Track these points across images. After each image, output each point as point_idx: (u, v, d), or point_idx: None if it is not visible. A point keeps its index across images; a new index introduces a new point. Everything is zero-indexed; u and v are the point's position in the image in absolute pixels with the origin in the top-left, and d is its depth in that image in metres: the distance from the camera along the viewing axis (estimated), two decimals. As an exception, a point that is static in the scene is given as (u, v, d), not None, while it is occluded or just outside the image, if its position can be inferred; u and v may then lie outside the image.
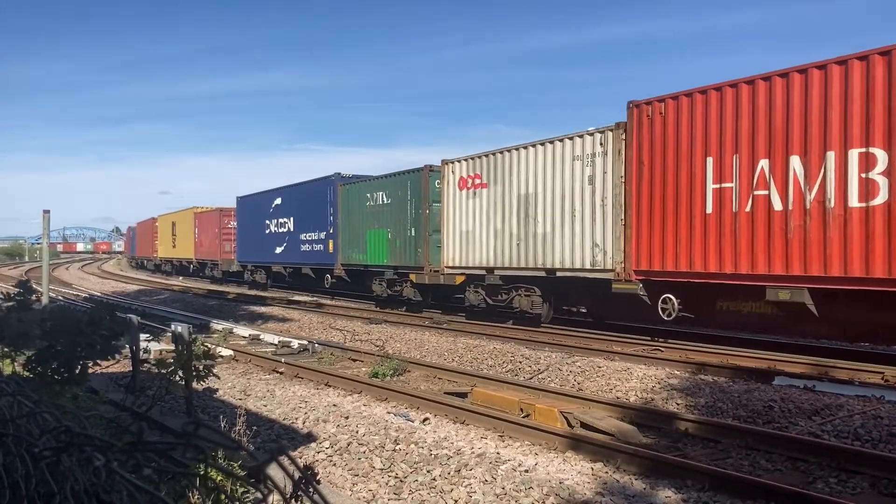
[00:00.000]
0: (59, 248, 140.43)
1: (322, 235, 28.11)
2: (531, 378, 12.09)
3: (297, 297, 29.49)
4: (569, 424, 8.86)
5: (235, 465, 4.71)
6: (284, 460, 1.28)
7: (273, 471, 1.28)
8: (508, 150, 18.34)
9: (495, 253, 18.68)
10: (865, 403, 9.38)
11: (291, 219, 31.08)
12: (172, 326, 10.19)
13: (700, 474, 6.65)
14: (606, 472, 6.96)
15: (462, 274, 20.05)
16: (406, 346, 15.84)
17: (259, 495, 1.27)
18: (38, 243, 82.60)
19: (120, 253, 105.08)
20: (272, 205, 33.20)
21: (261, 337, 17.37)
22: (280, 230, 32.33)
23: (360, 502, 6.40)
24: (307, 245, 29.46)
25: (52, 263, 39.17)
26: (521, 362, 13.20)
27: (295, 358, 14.39)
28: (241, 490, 4.18)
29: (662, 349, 14.15)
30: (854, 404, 9.33)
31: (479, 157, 19.41)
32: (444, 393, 11.01)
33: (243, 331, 18.30)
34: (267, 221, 33.60)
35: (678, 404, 9.99)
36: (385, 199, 23.85)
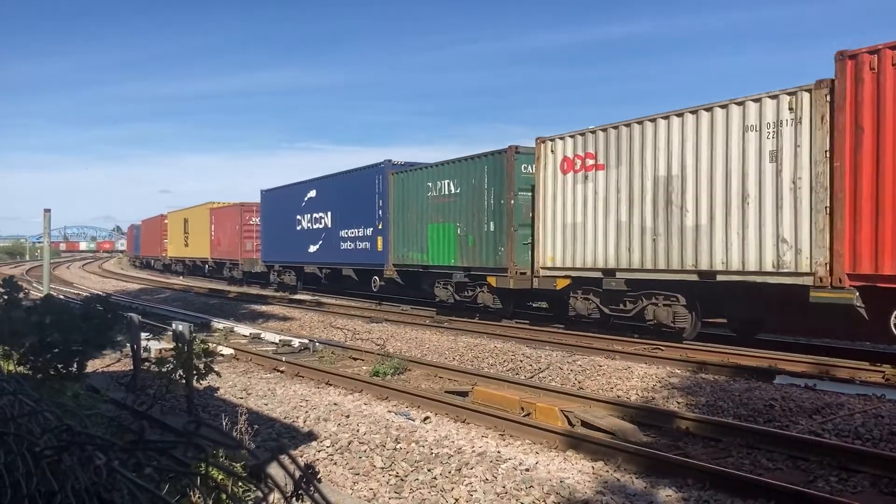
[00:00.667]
0: (63, 247, 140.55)
1: (368, 232, 24.90)
2: (532, 377, 12.09)
3: (298, 296, 29.48)
4: (569, 423, 8.86)
5: (236, 464, 4.72)
6: (285, 459, 1.28)
7: (274, 469, 1.28)
8: (639, 122, 14.79)
9: (617, 251, 15.23)
10: (866, 402, 9.38)
11: (329, 214, 27.69)
12: (173, 325, 10.19)
13: (701, 473, 6.64)
14: (607, 471, 6.96)
15: (566, 277, 16.63)
16: (407, 344, 15.84)
17: (260, 494, 1.27)
18: (39, 242, 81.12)
19: (122, 252, 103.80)
20: (304, 198, 29.54)
21: (262, 336, 17.37)
22: (314, 227, 28.84)
23: (361, 501, 6.40)
24: (349, 243, 26.23)
25: (52, 262, 39.16)
26: (521, 361, 13.21)
27: (296, 357, 14.39)
28: (241, 489, 4.19)
29: (663, 348, 14.14)
30: (855, 403, 9.33)
31: (594, 132, 15.89)
32: (445, 392, 11.01)
33: (244, 329, 18.30)
34: (298, 217, 30.08)
35: (679, 403, 9.99)
36: (452, 188, 20.52)
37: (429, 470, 7.02)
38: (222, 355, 13.69)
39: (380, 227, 24.21)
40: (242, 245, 37.61)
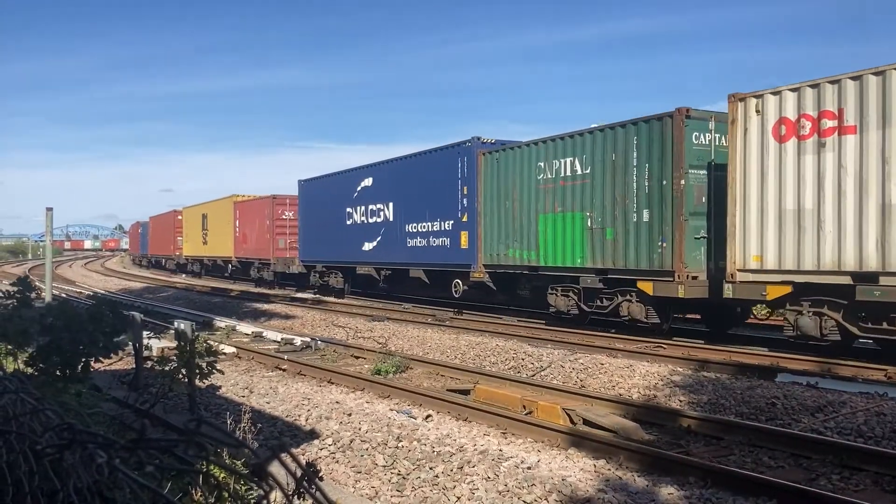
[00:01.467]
0: (67, 245, 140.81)
1: (447, 226, 20.78)
2: (534, 375, 12.09)
3: (300, 295, 29.47)
4: (571, 421, 8.86)
5: (238, 462, 4.72)
6: (287, 458, 1.28)
7: (276, 468, 1.28)
8: None
9: (881, 247, 11.31)
10: (868, 400, 9.37)
11: (390, 205, 23.78)
12: (175, 324, 10.20)
13: (702, 471, 6.64)
14: (609, 469, 6.96)
15: (784, 283, 12.49)
16: (408, 343, 15.84)
17: (262, 493, 1.27)
18: (42, 241, 78.96)
19: (126, 251, 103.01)
20: (357, 188, 25.78)
21: (264, 334, 17.39)
22: (370, 220, 24.97)
23: (362, 499, 6.41)
24: (419, 239, 22.12)
25: (55, 261, 39.16)
26: (523, 359, 13.21)
27: (298, 355, 14.40)
28: (244, 487, 4.19)
29: (665, 346, 14.14)
30: (857, 401, 9.32)
31: (836, 82, 11.79)
32: (447, 390, 11.01)
33: (246, 328, 18.32)
34: (348, 210, 26.32)
35: (681, 401, 9.99)
36: (579, 167, 16.57)
37: (430, 468, 7.02)
38: (224, 354, 13.70)
39: (464, 219, 20.06)
40: (274, 242, 33.39)
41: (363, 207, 25.58)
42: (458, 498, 6.31)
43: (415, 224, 22.49)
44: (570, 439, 7.91)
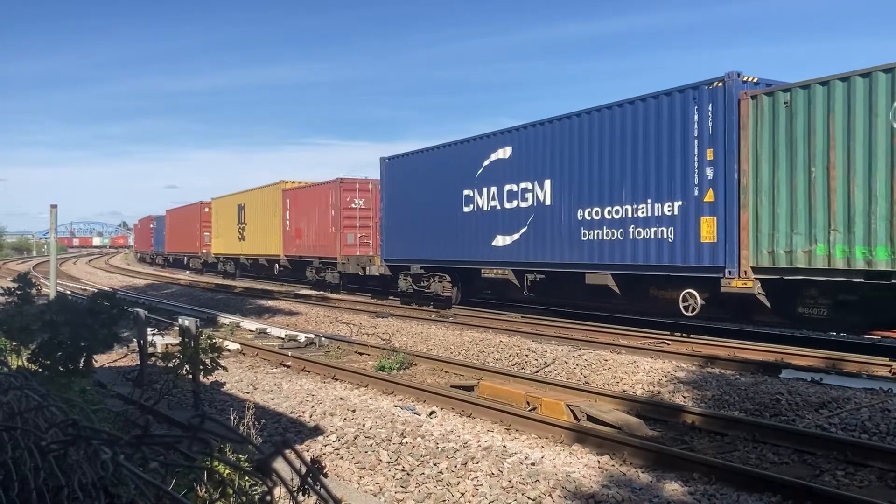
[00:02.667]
0: (76, 242, 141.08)
1: (669, 209, 14.25)
2: (537, 371, 12.09)
3: (303, 291, 29.50)
4: (575, 417, 8.86)
5: (242, 458, 4.73)
6: (291, 454, 1.28)
7: (280, 464, 1.29)
8: None
9: None
10: (873, 396, 9.35)
11: (546, 183, 17.31)
12: (180, 320, 10.22)
13: (706, 467, 6.64)
14: (613, 465, 6.96)
15: None
16: (412, 339, 15.85)
17: (266, 489, 1.28)
18: (46, 238, 78.84)
19: (129, 248, 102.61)
20: (482, 163, 19.35)
21: (267, 331, 17.41)
22: (508, 206, 18.43)
23: (367, 495, 6.42)
24: (606, 230, 15.64)
25: (59, 258, 39.06)
26: (527, 356, 13.21)
27: (302, 351, 14.42)
28: (248, 483, 4.20)
29: (669, 342, 14.12)
30: (861, 397, 9.31)
31: None
32: (451, 386, 11.02)
33: (250, 324, 18.35)
34: (467, 193, 19.86)
35: (685, 397, 9.98)
36: None
37: (435, 464, 7.03)
38: (228, 350, 13.73)
39: (706, 198, 13.52)
40: (341, 237, 27.55)
41: (493, 189, 19.00)
42: (463, 494, 6.31)
43: (594, 209, 15.94)
44: (574, 435, 7.91)
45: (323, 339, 15.65)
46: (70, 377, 6.29)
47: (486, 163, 19.37)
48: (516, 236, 18.24)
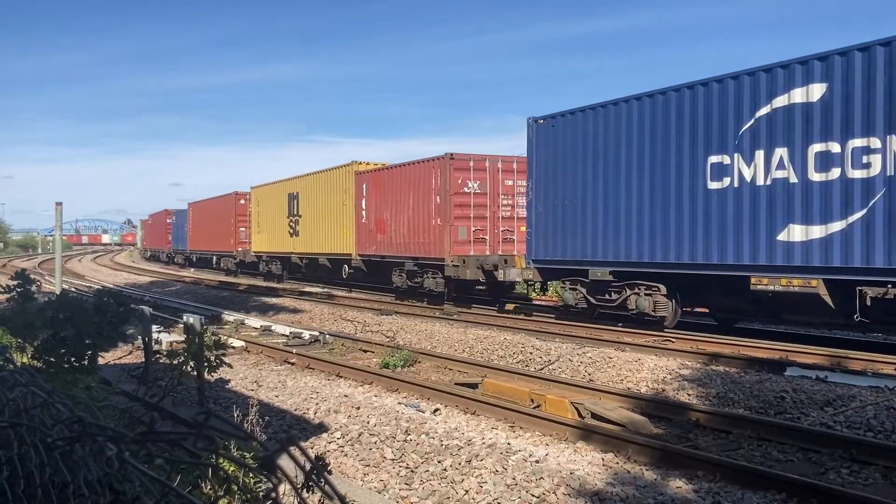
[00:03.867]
0: (85, 240, 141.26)
1: None
2: (542, 369, 12.09)
3: (308, 289, 29.51)
4: (579, 415, 8.86)
5: (247, 455, 4.74)
6: (295, 451, 1.28)
7: (285, 461, 1.29)
8: None
9: None
10: (878, 394, 9.33)
11: None
12: (184, 317, 10.24)
13: (711, 465, 6.64)
14: (617, 463, 6.95)
15: None
16: (416, 337, 15.86)
17: (270, 485, 1.28)
18: (52, 235, 77.35)
19: (140, 246, 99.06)
20: (758, 112, 13.08)
21: (272, 328, 17.44)
22: (812, 177, 12.27)
23: (371, 492, 6.43)
24: None
25: (64, 255, 39.09)
26: (531, 353, 13.20)
27: (306, 349, 14.44)
28: (252, 480, 4.21)
29: (673, 340, 14.11)
30: (867, 395, 9.29)
31: None
32: (455, 384, 11.03)
33: (255, 322, 18.38)
34: (718, 159, 13.72)
35: (689, 395, 9.97)
36: None
37: (439, 461, 7.03)
38: (233, 347, 13.75)
39: None
40: (451, 232, 21.27)
41: (781, 152, 12.72)
42: (467, 491, 6.32)
43: None
44: (578, 433, 7.91)
45: (327, 336, 15.66)
46: (75, 374, 6.31)
47: (763, 112, 13.02)
48: (838, 226, 11.93)
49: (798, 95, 12.50)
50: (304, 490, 1.32)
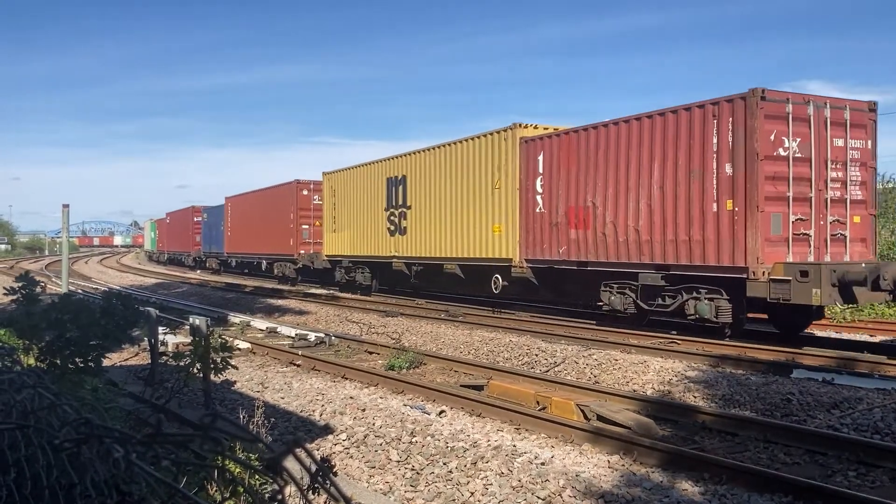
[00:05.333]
0: (96, 241, 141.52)
1: None
2: (547, 371, 12.08)
3: (313, 290, 29.51)
4: (585, 417, 8.84)
5: (253, 457, 4.75)
6: (301, 453, 1.28)
7: (290, 463, 1.29)
8: None
9: None
10: (885, 396, 9.30)
11: None
12: (190, 319, 10.27)
13: (718, 467, 6.62)
14: (623, 465, 6.94)
15: None
16: (422, 338, 15.86)
17: (276, 487, 1.28)
18: (59, 237, 76.70)
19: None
20: None
21: (278, 329, 17.46)
22: None
23: (377, 494, 6.43)
24: None
25: (70, 257, 39.20)
26: (537, 355, 13.19)
27: (312, 350, 14.46)
28: (258, 482, 4.22)
29: (679, 342, 14.08)
30: (874, 397, 9.26)
31: None
32: (460, 385, 11.02)
33: (260, 323, 18.40)
34: None
35: (695, 397, 9.95)
36: None
37: (444, 463, 7.03)
38: (239, 349, 13.78)
39: None
40: (754, 222, 12.81)
41: None
42: (472, 493, 6.32)
43: None
44: (584, 435, 7.90)
45: (333, 338, 15.68)
46: (81, 375, 6.33)
47: None
48: None
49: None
50: (310, 492, 1.32)
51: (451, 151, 21.20)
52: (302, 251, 31.72)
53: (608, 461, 7.05)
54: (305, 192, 32.01)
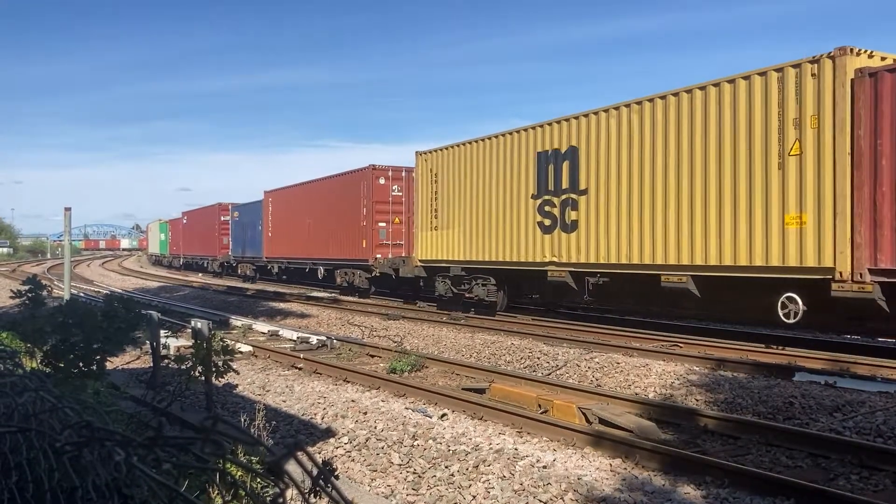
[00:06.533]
0: (102, 244, 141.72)
1: None
2: (549, 374, 12.07)
3: (315, 293, 29.51)
4: (587, 420, 8.83)
5: (254, 460, 4.75)
6: (302, 456, 1.28)
7: (292, 466, 1.29)
8: None
9: None
10: (888, 399, 9.29)
11: None
12: (192, 322, 10.28)
13: (720, 471, 6.61)
14: (625, 468, 6.93)
15: None
16: (424, 341, 15.86)
17: (277, 490, 1.28)
18: (61, 240, 75.11)
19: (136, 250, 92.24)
20: None
21: (280, 333, 17.46)
22: None
23: (378, 497, 6.42)
24: None
25: (73, 260, 39.14)
26: (539, 358, 13.19)
27: (313, 354, 14.45)
28: (260, 485, 4.22)
29: (681, 345, 14.07)
30: (876, 400, 9.24)
31: None
32: (462, 388, 11.01)
33: (262, 327, 18.40)
34: None
35: (697, 400, 9.94)
36: None
37: (446, 467, 7.03)
38: (241, 352, 13.77)
39: None
40: None
41: None
42: (474, 497, 6.31)
43: None
44: (586, 438, 7.89)
45: (335, 341, 15.67)
46: (84, 379, 6.34)
47: None
48: None
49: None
50: (312, 495, 1.32)
51: (675, 104, 14.23)
52: (378, 255, 25.29)
53: (610, 464, 7.05)
54: (383, 181, 25.49)
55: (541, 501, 6.10)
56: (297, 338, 16.37)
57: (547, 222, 17.31)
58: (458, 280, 20.77)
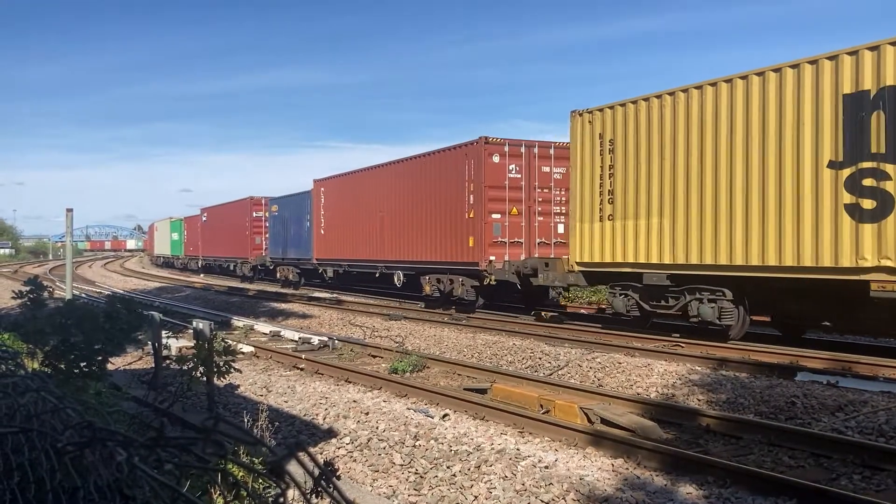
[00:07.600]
0: (108, 245, 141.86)
1: None
2: (551, 374, 12.06)
3: (316, 294, 29.51)
4: (589, 420, 8.83)
5: (256, 460, 4.75)
6: (304, 456, 1.28)
7: (294, 467, 1.29)
8: None
9: None
10: (890, 399, 9.27)
11: None
12: (194, 323, 10.28)
13: (722, 471, 6.60)
14: (627, 468, 6.93)
15: None
16: (425, 342, 15.85)
17: (279, 491, 1.28)
18: (62, 241, 73.16)
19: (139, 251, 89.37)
20: None
21: (281, 333, 17.46)
22: None
23: (380, 498, 6.42)
24: None
25: (74, 261, 39.09)
26: (540, 358, 13.18)
27: (315, 354, 14.45)
28: (261, 485, 4.22)
29: (683, 345, 14.05)
30: (878, 400, 9.23)
31: None
32: (464, 389, 11.01)
33: (264, 327, 18.41)
34: None
35: (699, 400, 9.93)
36: None
37: (448, 467, 7.02)
38: (242, 353, 13.77)
39: None
40: None
41: None
42: (476, 497, 6.31)
43: None
44: (587, 438, 7.88)
45: (336, 341, 15.68)
46: (85, 379, 6.34)
47: None
48: None
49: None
50: (313, 495, 1.32)
51: None
52: (492, 257, 19.70)
53: (612, 464, 7.04)
54: (497, 159, 19.83)
55: (543, 502, 6.10)
56: (299, 338, 16.37)
57: (867, 204, 11.28)
58: (656, 293, 14.86)
